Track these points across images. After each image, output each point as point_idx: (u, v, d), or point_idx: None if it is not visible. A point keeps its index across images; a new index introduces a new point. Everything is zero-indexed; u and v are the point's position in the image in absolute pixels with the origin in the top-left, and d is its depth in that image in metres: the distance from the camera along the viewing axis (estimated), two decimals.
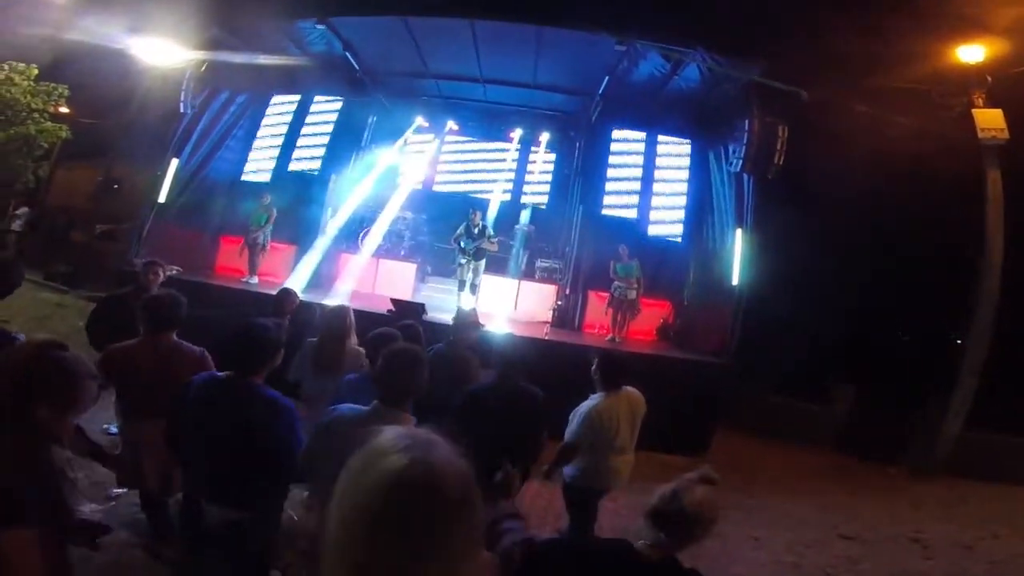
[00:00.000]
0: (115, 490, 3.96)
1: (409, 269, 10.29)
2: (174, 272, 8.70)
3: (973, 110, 7.81)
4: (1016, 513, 6.44)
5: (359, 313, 4.28)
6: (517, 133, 11.91)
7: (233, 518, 2.38)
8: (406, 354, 2.37)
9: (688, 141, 10.82)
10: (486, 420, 3.19)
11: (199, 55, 8.98)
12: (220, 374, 2.56)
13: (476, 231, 8.36)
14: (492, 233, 8.48)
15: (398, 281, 10.02)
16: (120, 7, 8.34)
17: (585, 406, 3.79)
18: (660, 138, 11.04)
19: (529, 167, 12.64)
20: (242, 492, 2.36)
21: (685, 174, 10.77)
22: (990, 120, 7.74)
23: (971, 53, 7.74)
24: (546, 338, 7.98)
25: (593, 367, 3.88)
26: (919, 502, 6.92)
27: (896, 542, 5.61)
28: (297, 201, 10.29)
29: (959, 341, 8.53)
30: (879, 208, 8.64)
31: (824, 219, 9.03)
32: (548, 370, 4.28)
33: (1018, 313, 8.15)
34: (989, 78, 7.77)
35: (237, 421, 2.35)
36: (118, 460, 2.98)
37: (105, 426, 5.20)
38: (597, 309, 9.52)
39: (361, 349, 3.79)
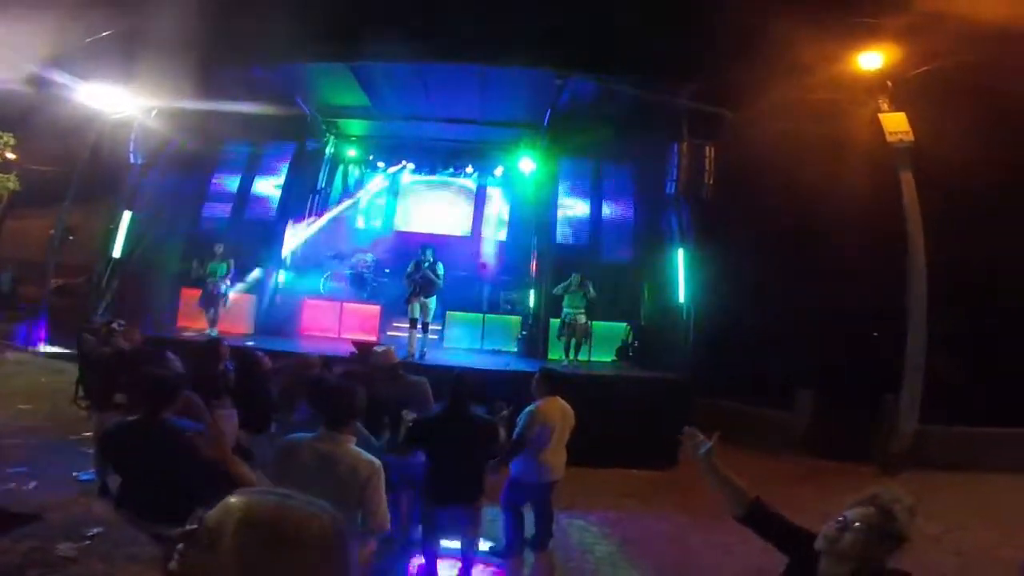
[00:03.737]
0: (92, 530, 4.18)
1: (373, 311, 10.36)
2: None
3: (879, 115, 8.18)
4: (983, 502, 6.61)
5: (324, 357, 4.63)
6: (470, 169, 12.25)
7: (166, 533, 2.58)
8: (342, 387, 2.94)
9: (630, 166, 11.20)
10: (435, 443, 3.87)
11: (148, 103, 9.06)
12: (131, 418, 3.00)
13: (426, 265, 8.47)
14: (441, 270, 8.62)
15: (363, 323, 10.08)
16: (70, 54, 8.35)
17: (528, 409, 4.49)
18: (605, 165, 11.40)
19: (486, 202, 12.99)
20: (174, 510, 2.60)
21: (631, 199, 11.11)
22: (895, 124, 8.09)
23: (870, 60, 8.15)
24: (508, 369, 8.15)
25: (534, 379, 4.66)
26: None
27: None
28: (254, 249, 10.25)
29: (874, 334, 8.88)
30: (813, 216, 9.08)
31: (763, 231, 9.46)
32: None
33: (967, 306, 8.56)
34: (890, 83, 8.18)
35: (153, 450, 2.81)
36: None
37: (75, 474, 5.31)
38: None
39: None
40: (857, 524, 1.78)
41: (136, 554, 3.55)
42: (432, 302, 8.67)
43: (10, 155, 14.27)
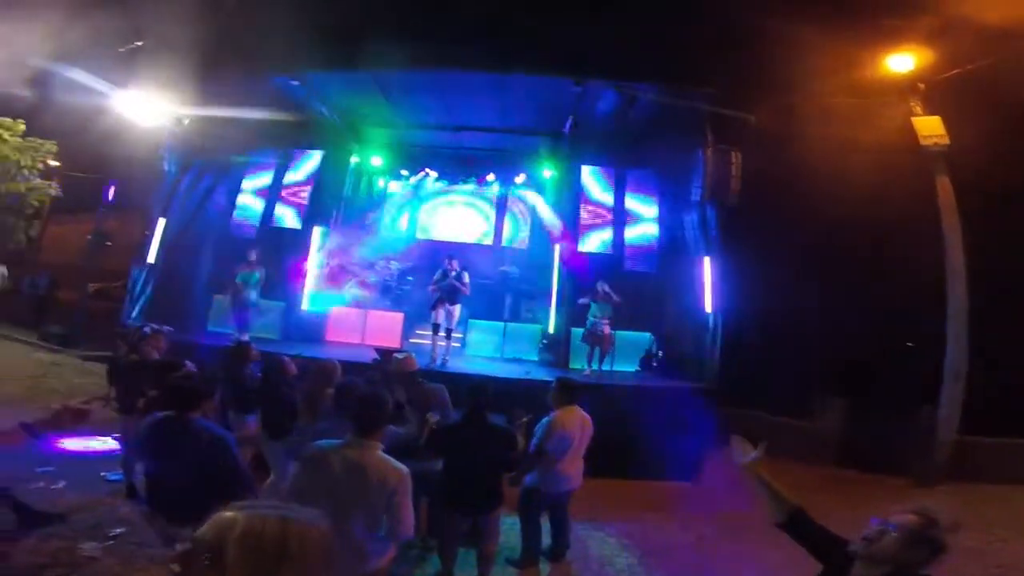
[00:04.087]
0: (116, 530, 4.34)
1: (396, 319, 10.43)
2: (164, 330, 8.91)
3: (912, 119, 7.90)
4: (1018, 516, 6.44)
5: (348, 363, 4.68)
6: (492, 177, 12.30)
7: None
8: (372, 395, 2.96)
9: (654, 173, 11.11)
10: (453, 451, 3.92)
11: (180, 111, 9.33)
12: (161, 414, 3.12)
13: (453, 275, 8.58)
14: (467, 279, 8.72)
15: (386, 331, 10.16)
16: (105, 61, 8.66)
17: (546, 419, 4.47)
18: (629, 172, 11.34)
19: (509, 210, 13.02)
20: (195, 511, 2.65)
21: (655, 207, 11.03)
22: (930, 127, 7.80)
23: (901, 62, 7.87)
24: (528, 378, 8.11)
25: (551, 389, 4.63)
26: None
27: None
28: (281, 256, 10.46)
29: (909, 345, 8.60)
30: (844, 222, 8.83)
31: (792, 238, 9.25)
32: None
33: (1005, 315, 8.24)
34: (922, 85, 7.92)
35: (177, 448, 2.95)
36: None
37: (103, 474, 5.46)
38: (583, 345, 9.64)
39: None
40: (897, 528, 1.83)
41: (156, 556, 3.62)
42: (458, 309, 8.75)
43: (53, 162, 14.74)
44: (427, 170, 12.27)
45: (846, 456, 8.53)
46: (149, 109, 9.08)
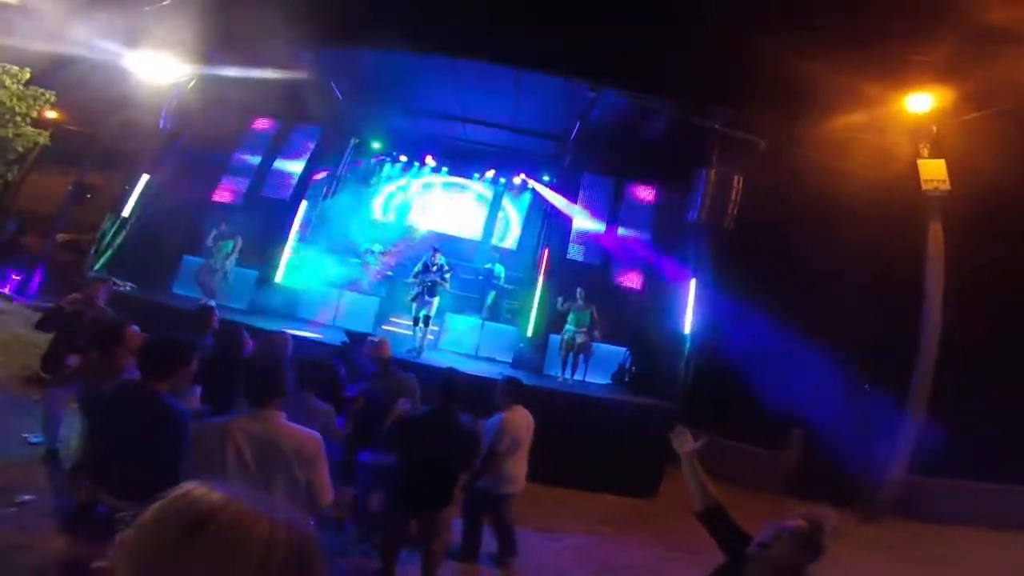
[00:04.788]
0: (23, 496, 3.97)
1: (371, 303, 10.25)
2: (127, 288, 8.62)
3: (918, 160, 7.89)
4: (960, 555, 6.64)
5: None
6: (491, 173, 12.18)
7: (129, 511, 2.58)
8: (266, 364, 2.83)
9: (653, 189, 11.11)
10: (415, 443, 3.78)
11: (189, 70, 9.10)
12: (129, 379, 2.88)
13: (434, 269, 8.49)
14: (448, 271, 8.62)
15: (359, 314, 9.97)
16: (117, 19, 8.43)
17: (493, 420, 4.45)
18: (627, 185, 11.31)
19: (502, 208, 12.91)
20: (138, 486, 2.43)
21: (649, 222, 11.00)
22: (933, 171, 7.78)
23: (919, 102, 7.79)
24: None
25: (497, 388, 4.63)
26: (866, 545, 6.95)
27: None
28: (265, 227, 10.20)
29: (866, 387, 8.73)
30: (832, 260, 8.88)
31: (778, 268, 9.26)
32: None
33: (962, 353, 8.35)
34: (935, 128, 7.88)
35: (135, 421, 2.67)
36: None
37: (25, 435, 5.09)
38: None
39: None
40: (789, 532, 2.00)
41: (59, 527, 3.35)
42: (437, 300, 8.67)
43: (51, 113, 14.46)
44: (427, 158, 12.12)
45: (803, 487, 8.52)
46: (156, 68, 8.87)
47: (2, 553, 3.20)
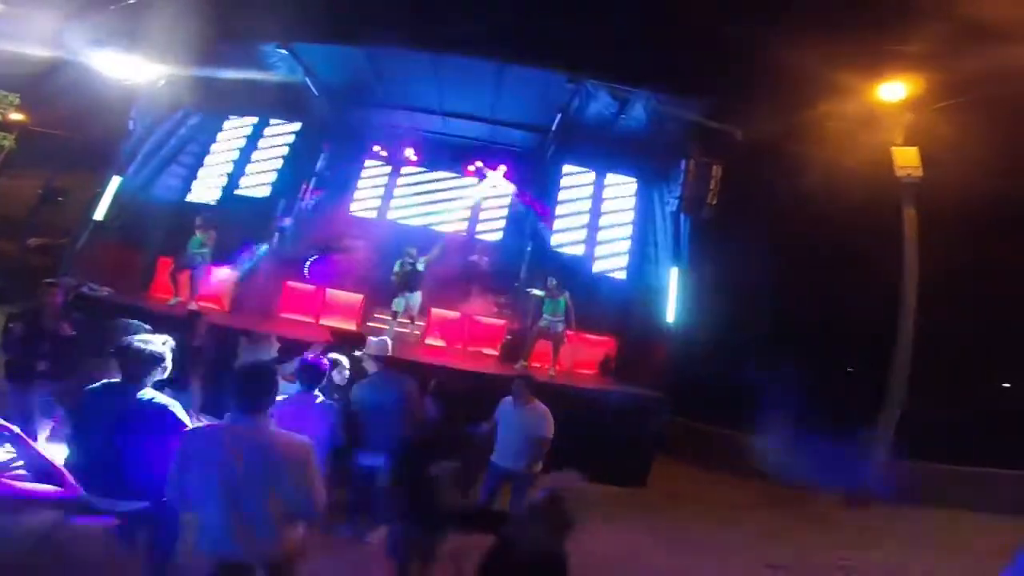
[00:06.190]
0: None
1: (355, 299, 10.16)
2: (105, 292, 8.44)
3: (892, 148, 8.06)
4: (942, 538, 6.75)
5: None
6: (474, 167, 12.09)
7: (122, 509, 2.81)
8: (256, 367, 2.80)
9: (634, 180, 11.15)
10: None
11: (158, 71, 8.90)
12: (111, 381, 2.94)
13: (408, 268, 8.53)
14: (422, 266, 8.65)
15: (344, 311, 9.88)
16: (83, 19, 8.22)
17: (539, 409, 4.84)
18: (608, 176, 11.36)
19: (484, 202, 12.81)
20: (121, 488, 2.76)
21: (630, 213, 11.05)
22: (907, 158, 7.97)
23: (892, 91, 7.96)
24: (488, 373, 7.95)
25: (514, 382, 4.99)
26: (849, 529, 7.08)
27: (823, 571, 5.65)
28: (243, 226, 10.03)
29: (849, 370, 8.89)
30: (809, 244, 9.01)
31: (759, 256, 9.38)
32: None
33: (944, 341, 8.51)
34: (910, 115, 8.03)
35: (118, 422, 2.77)
36: None
37: None
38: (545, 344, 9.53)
39: None
40: (531, 507, 2.13)
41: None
42: (418, 296, 8.73)
43: (15, 115, 14.11)
44: (408, 151, 12.00)
45: (786, 471, 8.62)
46: (125, 68, 8.65)
47: None
